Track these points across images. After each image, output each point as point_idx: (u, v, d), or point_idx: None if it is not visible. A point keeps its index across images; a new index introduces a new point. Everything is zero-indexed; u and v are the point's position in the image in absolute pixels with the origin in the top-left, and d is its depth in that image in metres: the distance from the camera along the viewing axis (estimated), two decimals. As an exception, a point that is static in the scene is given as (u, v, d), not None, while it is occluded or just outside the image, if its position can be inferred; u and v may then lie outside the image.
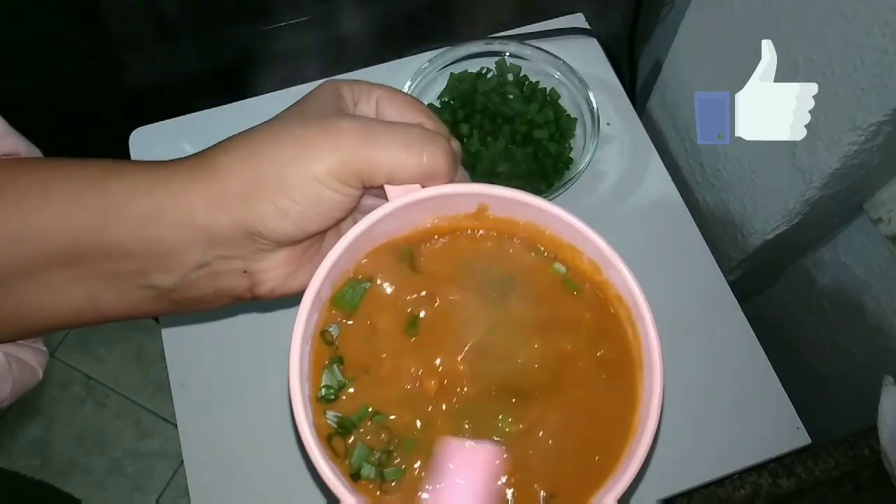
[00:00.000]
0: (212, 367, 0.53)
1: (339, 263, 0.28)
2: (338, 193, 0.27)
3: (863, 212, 0.53)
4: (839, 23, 0.42)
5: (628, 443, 0.28)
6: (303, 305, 0.27)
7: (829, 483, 0.48)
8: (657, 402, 0.27)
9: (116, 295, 0.28)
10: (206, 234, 0.26)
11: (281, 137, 0.26)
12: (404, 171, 0.27)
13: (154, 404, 1.18)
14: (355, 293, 0.29)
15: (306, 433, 0.26)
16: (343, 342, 0.29)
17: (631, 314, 0.29)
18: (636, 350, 0.29)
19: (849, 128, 0.44)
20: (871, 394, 0.46)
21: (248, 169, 0.26)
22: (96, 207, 0.26)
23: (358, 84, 0.30)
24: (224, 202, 0.26)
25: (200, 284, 0.28)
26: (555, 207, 0.29)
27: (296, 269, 0.29)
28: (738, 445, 0.50)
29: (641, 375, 0.29)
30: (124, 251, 0.26)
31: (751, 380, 0.53)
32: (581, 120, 0.58)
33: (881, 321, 0.55)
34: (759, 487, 0.47)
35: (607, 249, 0.29)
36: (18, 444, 1.15)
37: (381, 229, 0.29)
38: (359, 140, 0.26)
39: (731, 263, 0.62)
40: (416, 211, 0.29)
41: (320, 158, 0.26)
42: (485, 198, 0.30)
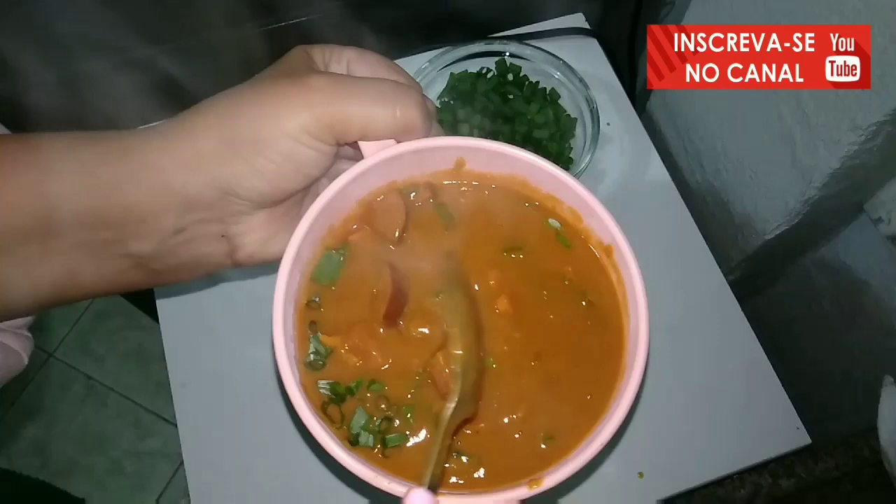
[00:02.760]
0: (212, 367, 0.53)
1: (317, 223, 0.28)
2: (311, 150, 0.26)
3: (863, 212, 0.53)
4: (839, 22, 0.42)
5: (618, 382, 0.28)
6: (283, 265, 0.27)
7: (829, 483, 0.48)
8: (644, 341, 0.27)
9: (95, 266, 0.27)
10: (181, 197, 0.26)
11: (252, 96, 0.26)
12: (378, 125, 0.27)
13: (154, 404, 1.18)
14: (332, 265, 0.29)
15: (295, 392, 0.26)
16: (327, 309, 0.29)
17: (614, 259, 0.30)
18: (621, 295, 0.29)
19: (849, 128, 0.44)
20: (872, 394, 0.46)
21: (221, 129, 0.26)
22: (69, 176, 0.26)
23: (328, 47, 0.30)
24: (198, 163, 0.26)
25: (178, 251, 0.28)
26: (533, 156, 0.29)
27: (275, 232, 0.29)
28: (738, 445, 0.50)
29: (628, 319, 0.29)
30: (100, 219, 0.26)
31: (751, 379, 0.53)
32: (581, 120, 0.58)
33: (881, 321, 0.55)
34: (760, 487, 0.47)
35: (587, 195, 0.29)
36: (18, 445, 1.15)
37: (359, 187, 0.29)
38: (330, 95, 0.26)
39: (732, 263, 0.62)
40: (392, 168, 0.29)
41: (293, 115, 0.26)
42: (462, 151, 0.29)
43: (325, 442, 0.25)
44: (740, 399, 0.52)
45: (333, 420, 0.27)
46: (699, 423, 0.51)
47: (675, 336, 0.53)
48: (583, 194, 0.29)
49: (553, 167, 0.29)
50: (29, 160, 0.26)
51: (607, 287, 0.30)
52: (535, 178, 0.30)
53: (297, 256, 0.27)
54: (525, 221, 0.31)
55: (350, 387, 0.28)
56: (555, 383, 0.29)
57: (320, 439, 0.25)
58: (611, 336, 0.29)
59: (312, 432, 0.25)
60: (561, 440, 0.28)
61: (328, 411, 0.28)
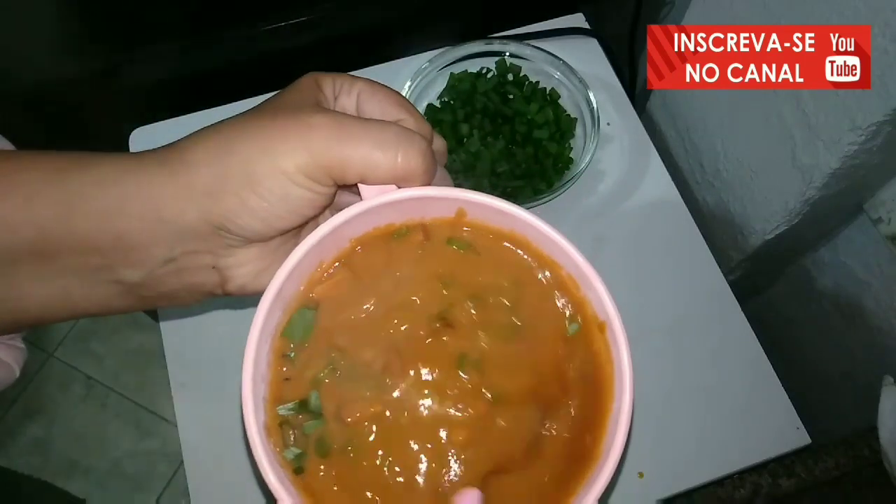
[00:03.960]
0: (212, 367, 0.53)
1: (304, 261, 0.27)
2: (307, 191, 0.26)
3: (863, 212, 0.53)
4: (839, 22, 0.42)
5: (589, 472, 0.27)
6: (262, 303, 0.26)
7: (829, 483, 0.48)
8: (623, 431, 0.26)
9: (85, 290, 0.27)
10: (172, 228, 0.26)
11: (250, 130, 0.25)
12: (377, 171, 0.26)
13: (154, 404, 1.18)
14: (305, 321, 0.28)
15: (254, 434, 0.25)
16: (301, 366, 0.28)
17: (606, 336, 0.28)
18: (608, 374, 0.28)
19: (849, 128, 0.44)
20: (871, 394, 0.46)
21: (216, 162, 0.25)
22: (61, 199, 0.25)
23: (340, 77, 0.29)
24: (191, 196, 0.25)
25: (168, 280, 0.27)
26: (533, 218, 0.28)
27: (268, 265, 0.28)
28: (738, 445, 0.50)
29: (612, 401, 0.28)
30: (90, 245, 0.26)
31: (751, 380, 0.53)
32: (581, 120, 0.58)
33: (881, 321, 0.55)
34: (760, 487, 0.47)
35: (586, 267, 0.28)
36: (18, 444, 1.15)
37: (354, 227, 0.28)
38: (330, 136, 0.25)
39: (732, 263, 0.62)
40: (389, 212, 0.28)
41: (289, 154, 0.25)
42: (463, 203, 0.29)
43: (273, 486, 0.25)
44: (740, 399, 0.52)
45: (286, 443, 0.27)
46: (699, 423, 0.51)
47: (674, 336, 0.53)
48: (582, 265, 0.28)
49: (554, 232, 0.28)
50: (21, 181, 0.25)
51: (596, 364, 0.29)
52: (536, 240, 0.29)
53: (279, 294, 0.27)
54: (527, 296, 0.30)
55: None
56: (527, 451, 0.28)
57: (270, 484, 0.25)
58: (593, 416, 0.28)
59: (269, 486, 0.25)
60: None
61: (283, 429, 0.27)
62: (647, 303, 0.53)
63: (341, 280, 0.29)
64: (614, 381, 0.28)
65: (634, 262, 0.56)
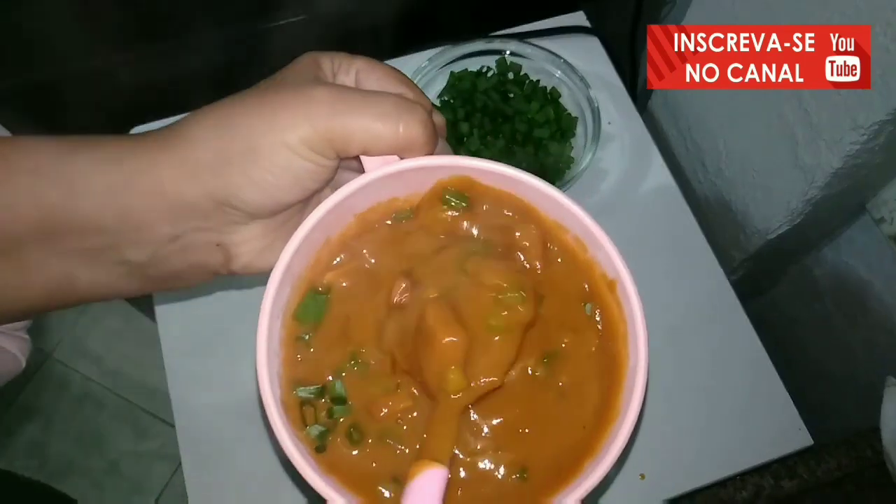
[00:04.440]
0: (210, 368, 0.53)
1: (312, 235, 0.27)
2: (310, 163, 0.26)
3: (865, 211, 0.53)
4: (840, 22, 0.42)
5: (611, 424, 0.27)
6: (272, 279, 0.26)
7: (831, 484, 0.48)
8: (641, 384, 0.26)
9: (90, 272, 0.27)
10: (176, 205, 0.26)
11: (252, 105, 0.26)
12: (379, 142, 0.26)
13: (152, 405, 1.18)
14: (317, 305, 0.28)
15: (273, 412, 0.25)
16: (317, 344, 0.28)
17: (617, 294, 0.29)
18: (622, 332, 0.28)
19: (851, 127, 0.44)
20: (874, 394, 0.46)
21: (219, 138, 0.25)
22: (64, 181, 0.25)
23: (338, 55, 0.29)
24: (194, 172, 0.25)
25: (174, 259, 0.27)
26: (540, 182, 0.28)
27: (271, 242, 0.28)
28: (740, 446, 0.50)
29: (627, 358, 0.28)
30: (95, 225, 0.26)
31: (753, 380, 0.53)
32: (582, 119, 0.57)
33: (884, 321, 0.54)
34: (762, 488, 0.47)
35: (593, 226, 0.28)
36: (16, 445, 1.15)
37: (359, 201, 0.28)
38: (332, 108, 0.25)
39: (734, 263, 0.62)
40: (393, 184, 0.28)
41: (292, 126, 0.25)
42: (467, 171, 0.29)
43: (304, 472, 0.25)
44: (742, 400, 0.52)
45: (307, 421, 0.27)
46: (701, 424, 0.51)
47: (676, 336, 0.53)
48: (589, 224, 0.28)
49: (559, 194, 0.28)
50: (26, 165, 0.25)
51: (608, 324, 0.29)
52: (541, 205, 0.29)
53: (287, 269, 0.27)
54: None
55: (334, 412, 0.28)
56: (545, 415, 0.28)
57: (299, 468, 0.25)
58: (609, 373, 0.28)
59: (292, 461, 0.25)
60: (538, 477, 0.27)
61: (304, 412, 0.27)
62: (649, 302, 0.53)
63: (350, 269, 0.29)
64: (628, 339, 0.28)
65: (635, 262, 0.55)
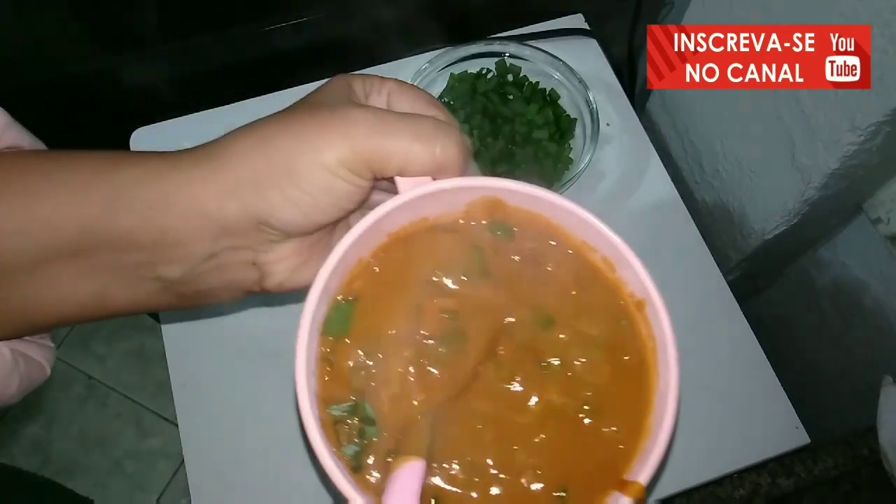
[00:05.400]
0: (213, 367, 0.53)
1: (347, 255, 0.27)
2: (348, 184, 0.26)
3: (862, 212, 0.53)
4: (839, 23, 0.42)
5: (641, 443, 0.27)
6: (310, 298, 0.26)
7: (828, 483, 0.48)
8: (673, 403, 0.27)
9: (124, 288, 0.27)
10: (215, 224, 0.26)
11: (291, 126, 0.26)
12: (417, 163, 0.26)
13: (155, 404, 1.18)
14: (342, 316, 0.28)
15: (313, 430, 0.25)
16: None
17: (646, 313, 0.29)
18: (651, 350, 0.29)
19: (848, 128, 0.44)
20: (871, 393, 0.46)
21: (258, 158, 0.26)
22: (103, 197, 0.26)
23: (369, 77, 0.30)
24: (233, 191, 0.26)
25: (208, 276, 0.28)
26: (571, 203, 0.29)
27: (305, 261, 0.29)
28: (737, 445, 0.50)
29: (655, 377, 0.28)
30: (132, 242, 0.26)
31: (750, 379, 0.53)
32: (581, 120, 0.58)
33: (880, 321, 0.55)
34: (759, 487, 0.48)
35: (622, 246, 0.28)
36: (19, 444, 1.15)
37: (391, 222, 0.29)
38: (370, 129, 0.26)
39: (731, 263, 0.62)
40: (427, 204, 0.29)
41: (331, 147, 0.25)
42: (497, 192, 0.29)
43: (343, 487, 0.25)
44: (739, 398, 0.52)
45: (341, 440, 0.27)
46: (698, 422, 0.51)
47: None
48: (617, 244, 0.28)
49: (589, 214, 0.29)
50: (65, 180, 0.26)
51: (636, 341, 0.29)
52: (569, 224, 0.30)
53: (324, 290, 0.27)
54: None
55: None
56: (578, 434, 0.28)
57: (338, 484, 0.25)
58: (636, 394, 0.28)
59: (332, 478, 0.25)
60: (575, 497, 0.27)
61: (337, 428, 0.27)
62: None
63: (375, 279, 0.29)
64: (658, 358, 0.28)
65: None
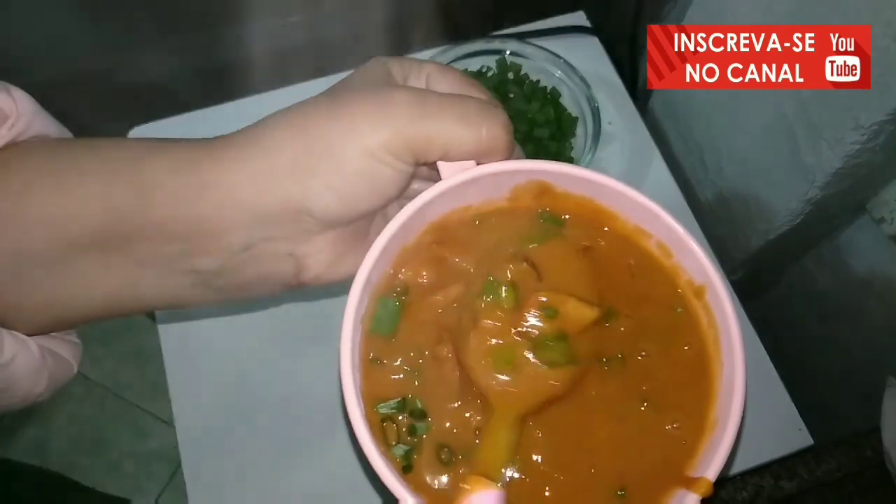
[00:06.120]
0: (210, 368, 0.52)
1: (390, 245, 0.26)
2: (390, 168, 0.25)
3: (865, 211, 0.53)
4: (841, 22, 0.42)
5: (705, 436, 0.26)
6: (353, 290, 0.26)
7: (831, 484, 0.47)
8: (740, 391, 0.26)
9: (156, 281, 0.26)
10: (251, 214, 0.25)
11: (330, 110, 0.25)
12: (461, 146, 0.25)
13: (152, 405, 1.18)
14: (388, 312, 0.27)
15: (360, 427, 0.24)
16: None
17: (706, 300, 0.27)
18: (712, 339, 0.27)
19: (851, 127, 0.44)
20: (874, 395, 0.46)
21: (297, 144, 0.25)
22: (136, 187, 0.25)
23: (406, 60, 0.28)
24: (271, 179, 0.25)
25: (245, 269, 0.27)
26: (622, 185, 0.27)
27: (342, 254, 0.28)
28: (739, 446, 0.50)
29: (718, 366, 0.27)
30: (165, 233, 0.25)
31: (753, 380, 0.52)
32: (582, 119, 0.57)
33: (884, 321, 0.54)
34: (761, 489, 0.47)
35: (680, 230, 0.27)
36: (17, 444, 1.15)
37: (432, 210, 0.27)
38: (413, 111, 0.25)
39: (734, 263, 0.62)
40: (470, 190, 0.27)
41: (372, 130, 0.24)
42: (545, 175, 0.28)
43: (394, 487, 0.24)
44: (742, 400, 0.52)
45: (389, 439, 0.26)
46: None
47: (676, 336, 0.53)
48: (675, 228, 0.27)
49: (644, 197, 0.27)
50: (96, 169, 0.25)
51: (696, 331, 0.28)
52: (622, 209, 0.28)
53: (367, 280, 0.26)
54: None
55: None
56: (636, 430, 0.27)
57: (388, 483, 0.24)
58: (700, 382, 0.27)
59: (380, 475, 0.24)
60: (636, 495, 0.26)
61: (385, 426, 0.26)
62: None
63: (425, 268, 0.28)
64: (720, 346, 0.27)
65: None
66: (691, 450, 0.26)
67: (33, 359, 0.26)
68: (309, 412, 0.51)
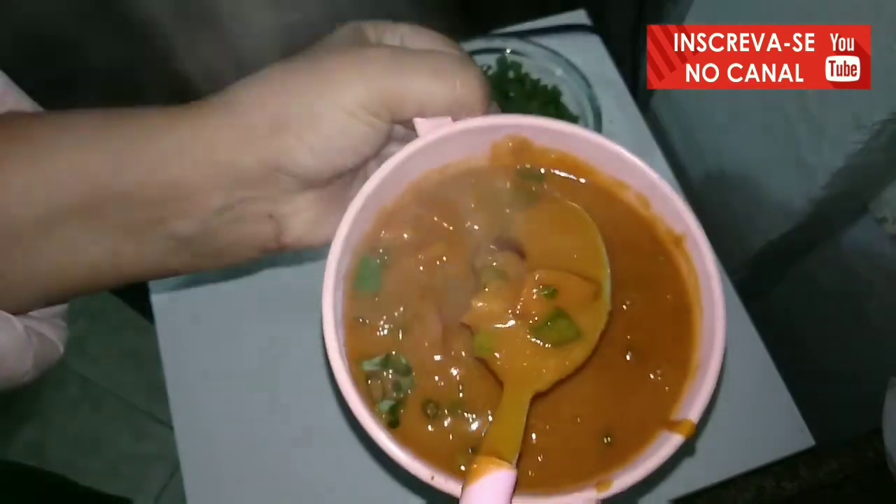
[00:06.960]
0: (208, 370, 0.52)
1: (368, 205, 0.26)
2: (366, 125, 0.25)
3: (867, 211, 0.53)
4: (844, 21, 0.42)
5: (687, 383, 0.26)
6: (333, 248, 0.26)
7: (833, 485, 0.47)
8: (721, 336, 0.25)
9: (136, 249, 0.26)
10: (229, 173, 0.25)
11: (305, 69, 0.25)
12: (436, 101, 0.25)
13: (150, 406, 1.17)
14: (372, 272, 0.27)
15: (344, 381, 0.24)
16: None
17: (685, 247, 0.28)
18: (692, 286, 0.27)
19: (854, 126, 0.44)
20: (876, 395, 0.46)
21: (273, 103, 0.25)
22: (112, 151, 0.25)
23: (380, 22, 0.29)
24: (248, 138, 0.25)
25: (223, 232, 0.27)
26: (602, 138, 0.27)
27: (322, 215, 0.28)
28: (742, 447, 0.50)
29: (699, 312, 0.27)
30: (142, 196, 0.25)
31: (755, 381, 0.52)
32: (583, 118, 0.57)
33: (886, 322, 0.54)
34: (763, 490, 0.47)
35: (658, 180, 0.27)
36: (14, 446, 1.14)
37: (411, 169, 0.27)
38: (387, 67, 0.25)
39: (735, 263, 0.62)
40: (448, 148, 0.28)
41: (348, 88, 0.24)
42: (522, 129, 0.28)
43: (384, 444, 0.24)
44: (744, 401, 0.51)
45: (374, 397, 0.26)
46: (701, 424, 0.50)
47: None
48: (653, 178, 0.27)
49: (622, 148, 0.27)
50: (70, 139, 0.25)
51: (675, 281, 0.28)
52: (599, 161, 0.28)
53: (348, 237, 0.26)
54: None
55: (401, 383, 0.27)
56: (621, 379, 0.27)
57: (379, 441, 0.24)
58: (679, 333, 0.27)
59: (370, 433, 0.24)
60: (621, 441, 0.26)
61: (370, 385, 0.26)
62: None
63: (406, 228, 0.28)
64: (701, 294, 0.27)
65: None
66: (674, 395, 0.26)
67: (18, 336, 0.26)
68: (309, 412, 0.50)
